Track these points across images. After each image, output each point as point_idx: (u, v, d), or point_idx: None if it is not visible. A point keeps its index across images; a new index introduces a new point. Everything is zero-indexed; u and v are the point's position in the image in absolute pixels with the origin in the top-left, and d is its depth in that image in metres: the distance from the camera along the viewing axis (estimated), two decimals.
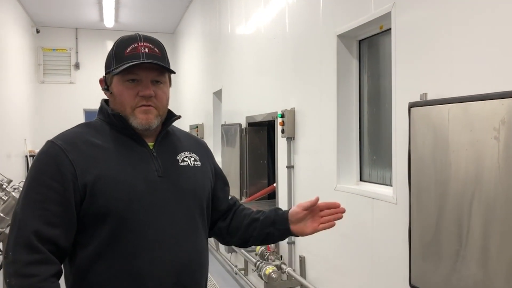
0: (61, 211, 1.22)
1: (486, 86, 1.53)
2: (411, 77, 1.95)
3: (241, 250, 3.74)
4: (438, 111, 1.67)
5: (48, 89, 8.91)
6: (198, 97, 6.77)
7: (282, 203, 3.40)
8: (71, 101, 8.94)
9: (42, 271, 1.17)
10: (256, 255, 3.42)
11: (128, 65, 1.29)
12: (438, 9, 1.80)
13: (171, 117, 1.44)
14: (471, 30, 1.63)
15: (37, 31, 8.64)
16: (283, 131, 3.19)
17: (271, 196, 4.01)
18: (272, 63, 3.62)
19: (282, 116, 3.19)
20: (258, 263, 3.23)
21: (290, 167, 3.22)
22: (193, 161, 1.44)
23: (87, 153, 1.27)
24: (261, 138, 4.24)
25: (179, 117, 1.48)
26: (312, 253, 2.98)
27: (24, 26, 7.89)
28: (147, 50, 1.32)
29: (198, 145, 1.54)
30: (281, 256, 3.34)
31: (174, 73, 1.39)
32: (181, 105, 7.85)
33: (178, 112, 1.46)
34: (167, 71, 1.37)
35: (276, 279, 3.05)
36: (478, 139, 1.48)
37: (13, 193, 3.05)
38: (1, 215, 3.03)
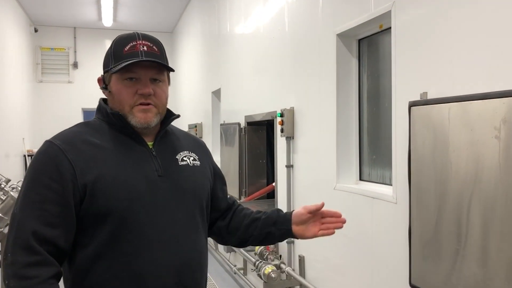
0: (60, 211, 1.21)
1: (486, 85, 1.52)
2: (411, 76, 1.94)
3: (240, 249, 3.74)
4: (438, 110, 1.67)
5: (46, 89, 8.88)
6: (196, 97, 6.76)
7: (281, 203, 3.40)
8: (69, 100, 8.92)
9: (41, 272, 1.16)
10: (255, 254, 3.42)
11: (126, 63, 1.28)
12: (438, 7, 1.79)
13: (170, 116, 1.43)
14: (471, 29, 1.62)
15: (35, 30, 8.62)
16: (282, 131, 3.19)
17: (270, 195, 4.01)
18: (271, 62, 3.62)
19: (281, 115, 3.18)
20: (257, 262, 3.23)
21: (289, 166, 3.21)
22: (192, 160, 1.44)
23: (87, 153, 1.26)
24: (260, 137, 4.24)
25: (178, 116, 1.47)
26: (311, 253, 2.98)
27: (22, 25, 7.87)
28: (145, 48, 1.32)
29: (197, 145, 1.53)
30: (280, 255, 3.33)
31: (173, 71, 1.38)
32: (180, 105, 7.84)
33: (176, 111, 1.45)
34: (166, 69, 1.36)
35: (275, 279, 3.04)
36: (478, 138, 1.48)
37: (11, 193, 3.04)
38: (0, 214, 3.02)
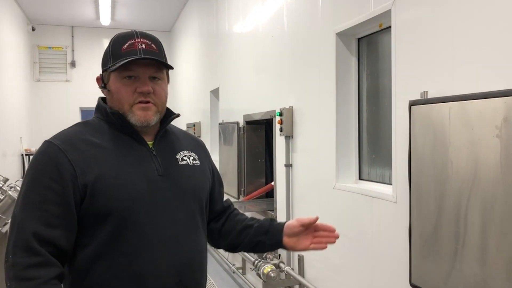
0: (61, 212, 1.20)
1: (487, 84, 1.52)
2: (411, 75, 1.94)
3: None
4: (439, 110, 1.66)
5: (44, 87, 8.85)
6: (195, 96, 6.75)
7: (280, 202, 3.39)
8: (67, 99, 8.89)
9: (42, 273, 1.15)
10: (254, 253, 3.41)
11: (125, 61, 1.27)
12: (438, 6, 1.79)
13: (170, 115, 1.42)
14: (472, 27, 1.62)
15: (33, 29, 8.58)
16: (281, 130, 3.18)
17: (269, 194, 4.00)
18: (270, 61, 3.61)
19: (280, 114, 3.18)
20: (256, 262, 3.22)
21: (288, 165, 3.21)
22: (192, 160, 1.43)
23: (86, 153, 1.26)
24: (259, 136, 4.23)
25: (178, 115, 1.46)
26: (310, 252, 2.95)
27: (19, 24, 7.83)
28: (144, 46, 1.31)
29: (196, 145, 1.53)
30: (280, 254, 3.33)
31: (172, 68, 1.37)
32: (178, 104, 7.82)
33: (174, 110, 1.44)
34: (165, 66, 1.35)
35: (274, 278, 3.04)
36: (479, 138, 1.48)
37: (9, 192, 3.03)
38: None
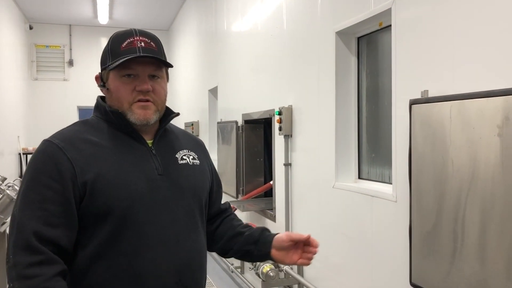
0: (61, 211, 1.19)
1: (488, 83, 1.51)
2: (412, 74, 1.93)
3: None
4: (439, 109, 1.66)
5: (41, 86, 8.81)
6: (193, 95, 6.73)
7: (279, 201, 3.39)
8: (64, 98, 8.85)
9: (45, 271, 1.14)
10: None
11: (124, 59, 1.26)
12: (439, 4, 1.78)
13: (169, 114, 1.41)
14: (473, 26, 1.61)
15: (30, 28, 8.55)
16: (280, 129, 3.18)
17: (268, 194, 4.00)
18: (269, 60, 3.60)
19: (279, 113, 3.17)
20: None
21: (287, 164, 3.20)
22: (192, 159, 1.43)
23: (86, 151, 1.25)
24: (257, 135, 4.22)
25: (178, 114, 1.45)
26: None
27: (17, 22, 7.80)
28: (143, 44, 1.30)
29: (196, 144, 1.52)
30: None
31: (171, 66, 1.36)
32: (176, 103, 7.80)
33: (173, 109, 1.44)
34: (164, 64, 1.35)
35: (273, 278, 3.03)
36: (480, 137, 1.47)
37: (7, 191, 3.01)
38: None
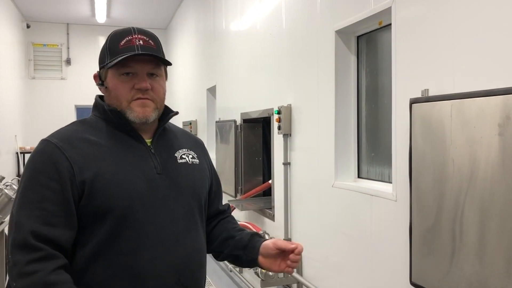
0: (60, 210, 1.18)
1: (489, 82, 1.51)
2: (412, 73, 1.93)
3: None
4: (440, 108, 1.65)
5: (38, 85, 8.79)
6: (191, 94, 6.72)
7: (278, 201, 3.38)
8: (62, 97, 8.83)
9: (45, 266, 1.13)
10: None
11: (122, 57, 1.26)
12: (439, 3, 1.78)
13: (168, 113, 1.41)
14: (474, 24, 1.61)
15: (28, 26, 8.51)
16: (279, 128, 3.17)
17: (267, 193, 3.99)
18: (268, 59, 3.59)
19: (278, 112, 3.16)
20: None
21: (286, 164, 3.19)
22: (191, 158, 1.43)
23: (84, 151, 1.24)
24: (256, 134, 4.21)
25: (177, 113, 1.45)
26: (309, 251, 2.96)
27: (14, 21, 7.77)
28: (141, 42, 1.30)
29: (195, 143, 1.52)
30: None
31: (170, 64, 1.36)
32: (174, 102, 7.78)
33: (171, 108, 1.43)
34: (163, 62, 1.34)
35: (272, 277, 3.03)
36: (481, 136, 1.47)
37: (5, 190, 2.99)
38: None
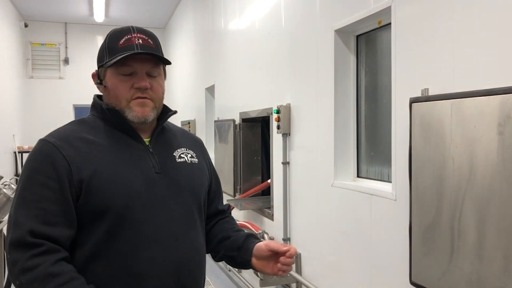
0: (59, 210, 1.18)
1: (489, 81, 1.51)
2: (412, 72, 1.93)
3: None
4: (440, 107, 1.65)
5: (37, 85, 8.76)
6: (189, 93, 6.71)
7: (277, 200, 3.38)
8: (60, 96, 8.81)
9: (46, 258, 1.13)
10: None
11: (122, 55, 1.25)
12: (439, 2, 1.77)
13: (167, 112, 1.40)
14: (473, 23, 1.61)
15: (25, 25, 8.49)
16: (278, 127, 3.16)
17: (265, 192, 3.99)
18: (267, 59, 3.58)
19: (277, 111, 3.16)
20: None
21: (285, 163, 3.19)
22: (190, 157, 1.42)
23: (82, 150, 1.24)
24: (255, 134, 4.21)
25: (175, 112, 1.44)
26: (308, 250, 2.96)
27: (12, 20, 7.74)
28: (141, 41, 1.30)
29: (194, 142, 1.51)
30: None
31: (169, 63, 1.35)
32: (173, 101, 7.78)
33: (170, 107, 1.43)
34: (163, 61, 1.34)
35: (271, 276, 3.02)
36: (482, 135, 1.46)
37: (4, 190, 2.98)
38: None
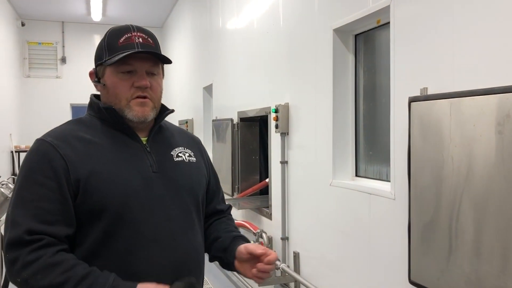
0: (57, 208, 1.17)
1: (489, 80, 1.51)
2: (411, 71, 1.93)
3: None
4: (439, 106, 1.65)
5: (34, 84, 8.74)
6: (187, 92, 6.70)
7: (275, 199, 3.38)
8: (57, 96, 8.78)
9: (47, 251, 1.13)
10: None
11: (123, 54, 1.25)
12: (438, 1, 1.77)
13: (164, 111, 1.40)
14: (472, 22, 1.61)
15: (22, 24, 8.46)
16: (277, 126, 3.16)
17: (264, 191, 3.98)
18: (265, 58, 3.58)
19: (276, 111, 3.15)
20: None
21: (284, 162, 3.19)
22: (188, 156, 1.41)
23: (79, 149, 1.23)
24: (253, 133, 4.20)
25: (172, 111, 1.44)
26: (306, 249, 2.96)
27: (8, 19, 7.71)
28: (141, 40, 1.29)
29: (192, 141, 1.51)
30: (275, 251, 3.31)
31: (170, 62, 1.35)
32: (170, 100, 7.76)
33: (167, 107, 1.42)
34: (164, 61, 1.34)
35: (270, 276, 3.01)
36: (481, 134, 1.47)
37: (1, 189, 2.98)
38: None
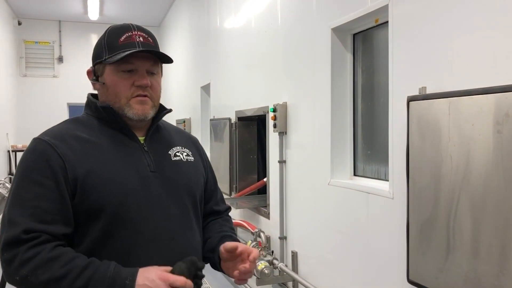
0: (55, 208, 1.16)
1: (487, 79, 1.51)
2: (409, 70, 1.92)
3: None
4: (438, 105, 1.65)
5: (30, 83, 8.70)
6: (185, 92, 6.69)
7: (273, 199, 3.38)
8: (54, 95, 8.75)
9: (45, 247, 1.12)
10: None
11: (127, 53, 1.25)
12: (436, 0, 1.77)
13: (162, 110, 1.40)
14: (472, 21, 1.61)
15: (19, 23, 8.42)
16: (275, 126, 3.16)
17: (261, 191, 3.98)
18: (263, 57, 3.58)
19: (274, 110, 3.15)
20: None
21: (282, 162, 3.18)
22: (185, 156, 1.41)
23: (77, 148, 1.23)
24: (251, 132, 4.20)
25: (170, 110, 1.44)
26: (304, 249, 2.96)
27: (5, 18, 7.68)
28: (142, 39, 1.29)
29: (189, 141, 1.51)
30: (273, 251, 3.31)
31: (172, 62, 1.35)
32: (168, 100, 7.75)
33: (165, 106, 1.42)
34: (164, 60, 1.34)
35: (268, 275, 3.02)
36: (480, 133, 1.47)
37: None
38: None
